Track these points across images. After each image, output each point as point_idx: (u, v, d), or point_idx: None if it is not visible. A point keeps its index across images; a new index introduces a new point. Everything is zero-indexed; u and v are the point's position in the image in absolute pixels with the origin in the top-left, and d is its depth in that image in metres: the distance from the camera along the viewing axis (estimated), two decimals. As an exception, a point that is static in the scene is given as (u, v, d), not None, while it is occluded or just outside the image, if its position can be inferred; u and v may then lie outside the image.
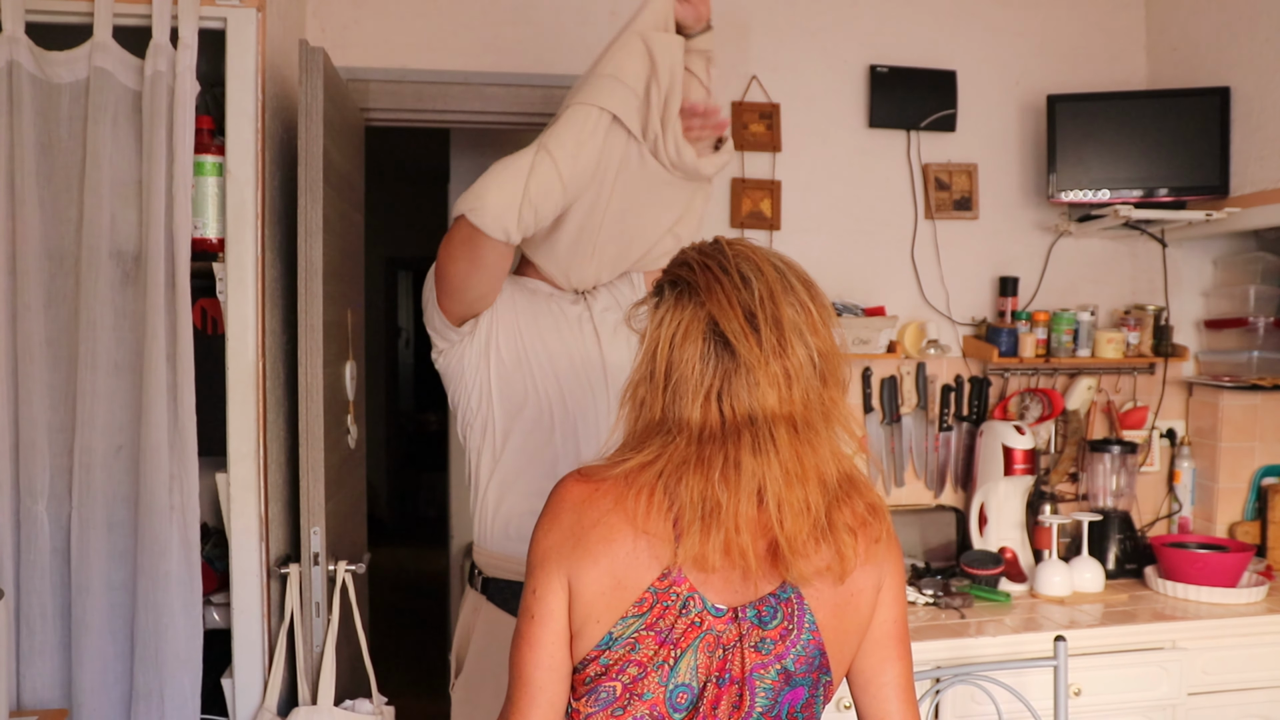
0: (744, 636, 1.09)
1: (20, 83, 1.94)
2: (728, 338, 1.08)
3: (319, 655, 2.07)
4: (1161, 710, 2.33)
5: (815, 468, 1.08)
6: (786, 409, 1.08)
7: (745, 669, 1.09)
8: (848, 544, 1.10)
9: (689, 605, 1.09)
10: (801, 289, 1.14)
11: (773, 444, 1.06)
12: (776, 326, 1.09)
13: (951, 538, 2.84)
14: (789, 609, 1.11)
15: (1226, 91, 2.68)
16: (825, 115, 2.88)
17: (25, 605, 1.97)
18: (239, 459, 2.05)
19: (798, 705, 1.12)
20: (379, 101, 2.68)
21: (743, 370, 1.07)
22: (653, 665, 1.08)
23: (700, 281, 1.12)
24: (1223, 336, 2.90)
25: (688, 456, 1.07)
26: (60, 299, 1.99)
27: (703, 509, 1.06)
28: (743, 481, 1.06)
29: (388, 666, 2.65)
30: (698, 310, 1.10)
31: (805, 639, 1.11)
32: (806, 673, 1.11)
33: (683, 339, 1.10)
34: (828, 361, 1.11)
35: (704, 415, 1.08)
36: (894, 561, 1.18)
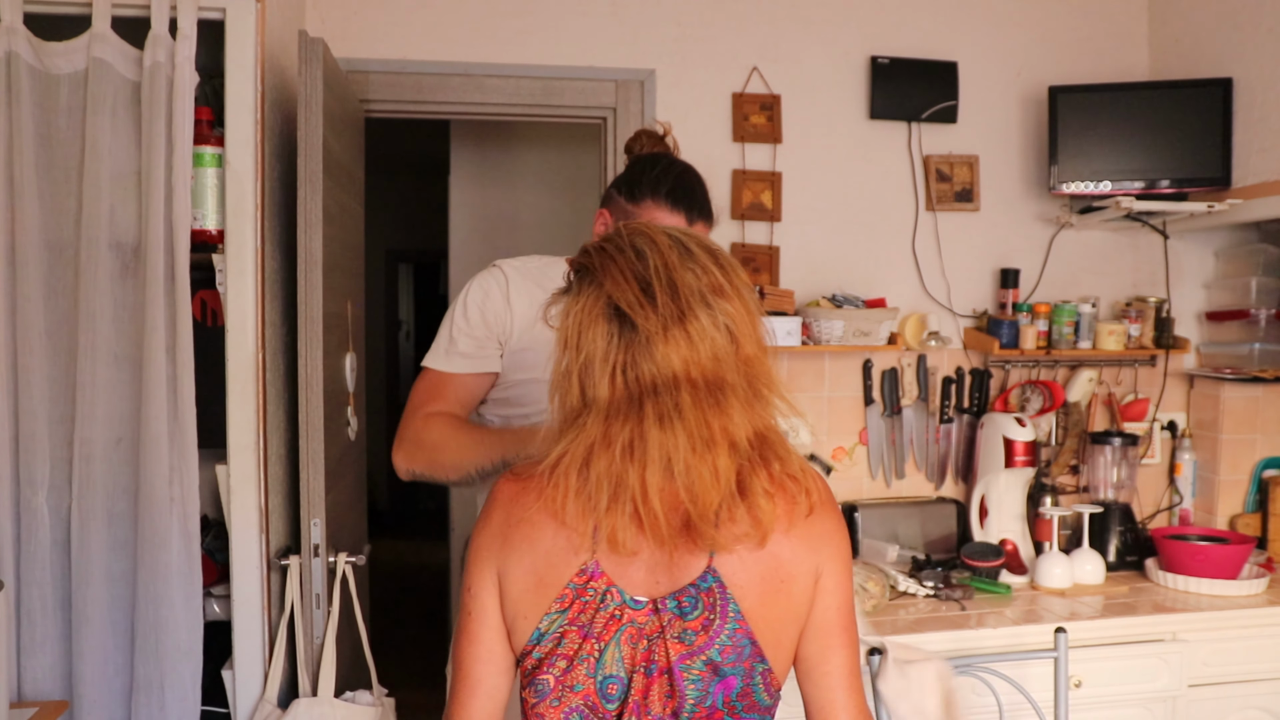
0: (666, 628, 1.09)
1: (19, 74, 1.93)
2: (624, 310, 1.08)
3: (319, 647, 2.07)
4: (1162, 702, 2.33)
5: (725, 430, 1.07)
6: (694, 372, 1.07)
7: (671, 660, 1.09)
8: (764, 509, 1.08)
9: (607, 599, 1.10)
10: (704, 255, 1.12)
11: (677, 411, 1.06)
12: (674, 293, 1.08)
13: (952, 530, 2.84)
14: (710, 599, 1.09)
15: (1229, 83, 2.67)
16: (826, 106, 2.87)
17: (25, 597, 1.97)
18: (239, 451, 2.05)
19: (732, 695, 1.10)
20: (379, 93, 2.67)
21: (642, 339, 1.07)
22: (579, 659, 1.10)
23: (597, 263, 1.12)
24: (1224, 328, 2.90)
25: (596, 436, 1.08)
26: (60, 290, 1.99)
27: (610, 485, 1.06)
28: (649, 452, 1.05)
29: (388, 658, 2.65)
30: (598, 291, 1.10)
31: (731, 629, 1.09)
32: (736, 663, 1.09)
33: (588, 322, 1.10)
34: (738, 321, 1.10)
35: (611, 391, 1.08)
36: (834, 547, 1.15)
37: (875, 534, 2.77)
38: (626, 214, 1.75)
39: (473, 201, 4.16)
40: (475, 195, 4.16)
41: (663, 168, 1.77)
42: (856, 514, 2.76)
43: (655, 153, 1.87)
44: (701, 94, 2.81)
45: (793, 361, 2.85)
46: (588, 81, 2.75)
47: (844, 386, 2.90)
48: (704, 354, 1.07)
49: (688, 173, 1.79)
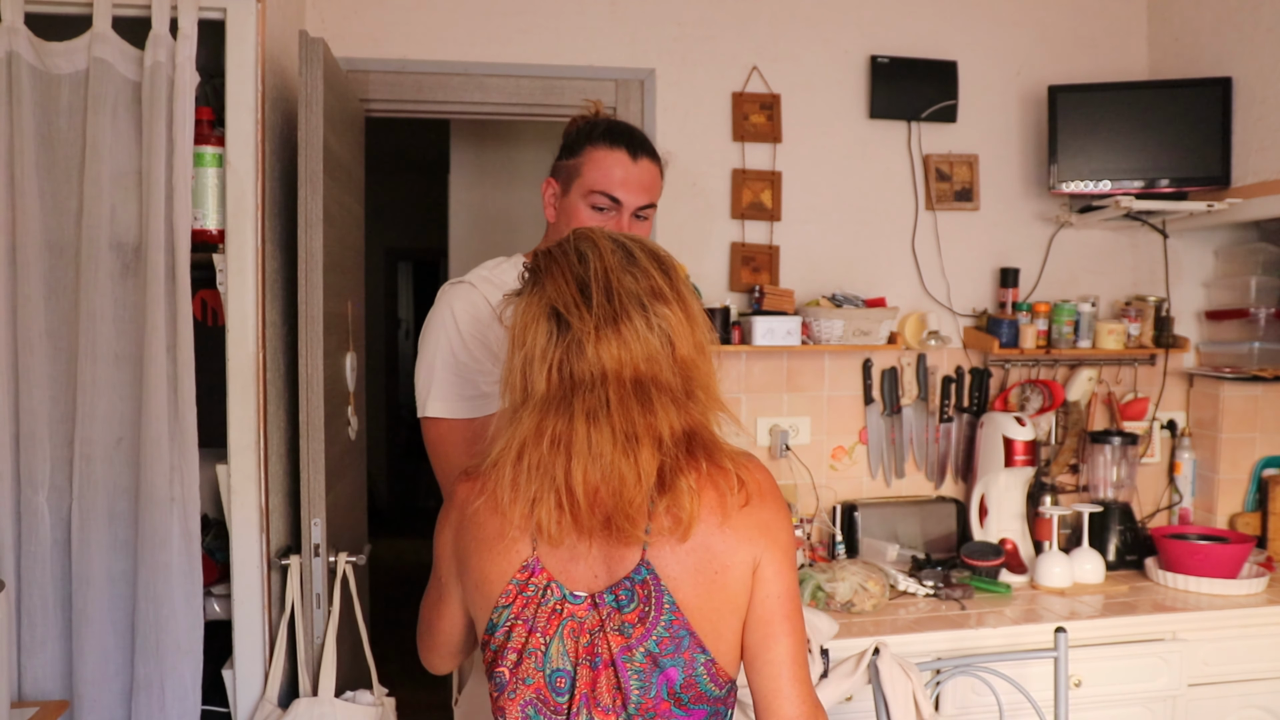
0: (605, 621, 1.12)
1: (20, 74, 1.93)
2: (561, 312, 1.13)
3: (320, 646, 2.08)
4: (1162, 701, 2.33)
5: (650, 427, 1.10)
6: (628, 371, 1.12)
7: (612, 652, 1.12)
8: (685, 506, 1.10)
9: (548, 594, 1.14)
10: (646, 260, 1.18)
11: (605, 408, 1.10)
12: (609, 294, 1.13)
13: (952, 529, 2.84)
14: (644, 591, 1.11)
15: (1228, 82, 2.68)
16: (826, 106, 2.87)
17: (26, 597, 1.97)
18: (239, 450, 2.05)
19: (676, 686, 1.12)
20: (379, 92, 2.67)
21: (575, 339, 1.12)
22: (526, 652, 1.14)
23: (543, 266, 1.18)
24: (1224, 327, 2.90)
25: (530, 429, 1.12)
26: (60, 290, 1.99)
27: (539, 475, 1.11)
28: (575, 445, 1.09)
29: (388, 658, 2.65)
30: (540, 292, 1.16)
31: (667, 620, 1.11)
32: (675, 654, 1.11)
33: (530, 321, 1.15)
34: (674, 324, 1.15)
35: (547, 386, 1.13)
36: (773, 536, 1.16)
37: (875, 533, 2.77)
38: (571, 173, 1.73)
39: (472, 200, 4.16)
40: (475, 194, 4.16)
41: (591, 121, 1.77)
42: (856, 513, 2.77)
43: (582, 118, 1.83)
44: (701, 93, 2.81)
45: (792, 361, 2.85)
46: (588, 81, 2.75)
47: (844, 386, 2.90)
48: (637, 354, 1.12)
49: (619, 120, 1.79)
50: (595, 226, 1.21)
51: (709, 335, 1.20)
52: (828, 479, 2.88)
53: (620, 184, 1.70)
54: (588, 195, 1.71)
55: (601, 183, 1.69)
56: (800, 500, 2.83)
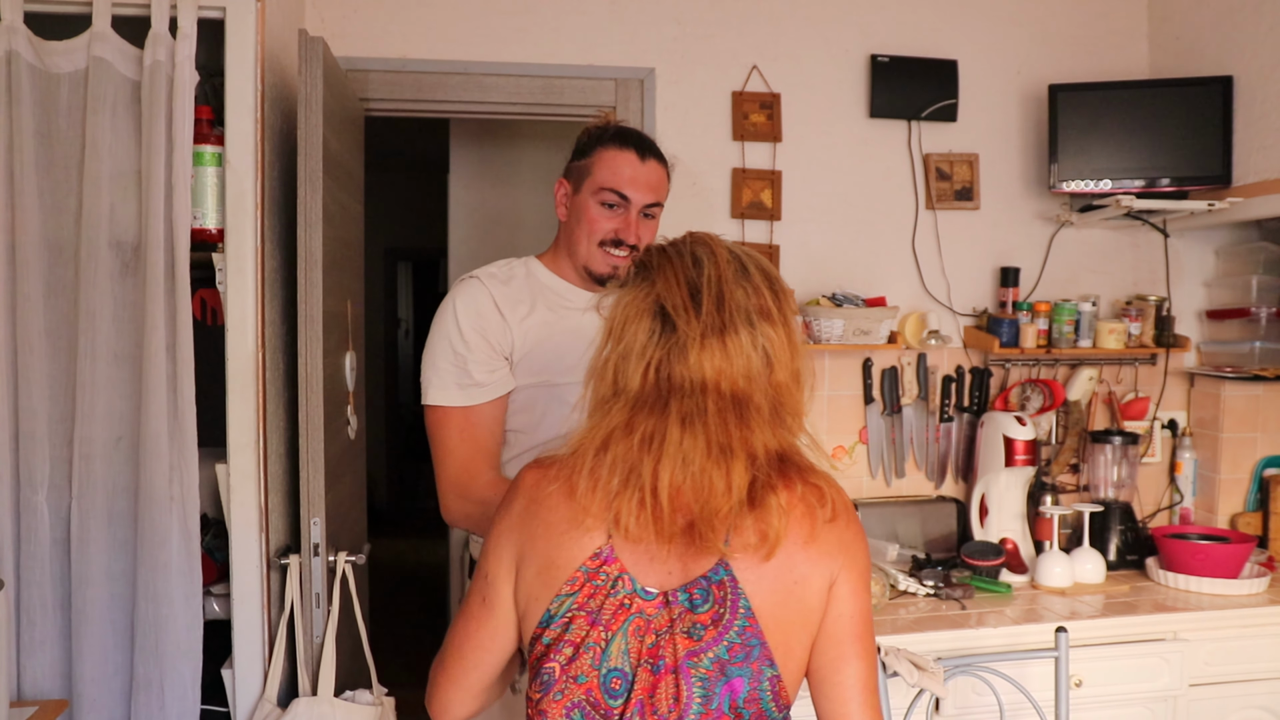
0: (675, 622, 1.09)
1: (19, 72, 1.93)
2: (669, 311, 1.11)
3: (319, 646, 2.07)
4: (1163, 701, 2.33)
5: (745, 442, 1.09)
6: (725, 384, 1.10)
7: (678, 657, 1.07)
8: (773, 523, 1.08)
9: (618, 585, 1.10)
10: (759, 277, 1.16)
11: (702, 416, 1.08)
12: (719, 305, 1.11)
13: (952, 529, 2.84)
14: (721, 592, 1.09)
15: (1229, 81, 2.67)
16: (826, 105, 2.87)
17: (25, 596, 1.97)
18: (239, 450, 2.05)
19: (739, 699, 1.08)
20: (378, 91, 2.67)
21: (680, 342, 1.10)
22: (585, 647, 1.09)
23: (655, 263, 1.17)
24: (1225, 327, 2.89)
25: (618, 423, 1.11)
26: (60, 289, 1.99)
27: (623, 470, 1.09)
28: (666, 448, 1.08)
29: (387, 657, 2.65)
30: (649, 289, 1.14)
31: (740, 625, 1.08)
32: (744, 663, 1.08)
33: (634, 316, 1.14)
34: (776, 347, 1.13)
35: (642, 384, 1.11)
36: (852, 555, 1.15)
37: (875, 533, 2.77)
38: (582, 173, 1.82)
39: (472, 200, 4.15)
40: (475, 194, 4.15)
41: (601, 124, 1.86)
42: (857, 512, 2.76)
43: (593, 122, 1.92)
44: (701, 92, 2.81)
45: (793, 360, 2.84)
46: (587, 80, 2.75)
47: (844, 385, 2.89)
48: (737, 369, 1.10)
49: (630, 126, 1.88)
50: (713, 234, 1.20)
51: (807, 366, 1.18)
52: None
53: (629, 181, 1.79)
54: (597, 192, 1.80)
55: (610, 180, 1.79)
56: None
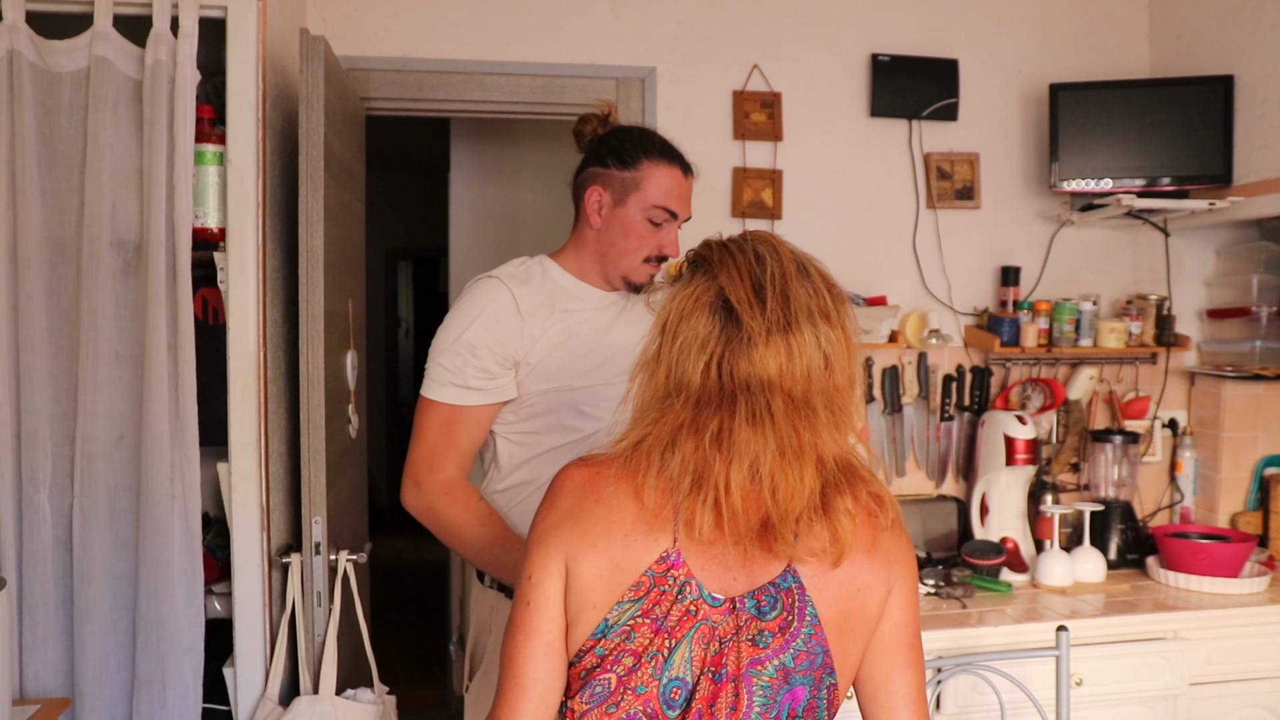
0: (741, 629, 1.06)
1: (21, 72, 1.93)
2: (733, 305, 1.09)
3: (320, 645, 2.08)
4: (1163, 700, 2.33)
5: (814, 446, 1.07)
6: (787, 383, 1.08)
7: (741, 665, 1.05)
8: (845, 527, 1.06)
9: (685, 591, 1.06)
10: (819, 280, 1.14)
11: (769, 415, 1.06)
12: (784, 302, 1.09)
13: (953, 528, 2.84)
14: (789, 599, 1.07)
15: (1230, 80, 2.67)
16: (827, 104, 2.87)
17: (28, 594, 1.97)
18: (240, 448, 2.05)
19: (799, 708, 1.07)
20: (380, 90, 2.67)
21: (744, 337, 1.08)
22: (647, 655, 1.04)
23: (716, 257, 1.14)
24: (1225, 326, 2.90)
25: (683, 420, 1.07)
26: (61, 288, 1.99)
27: (693, 470, 1.05)
28: (736, 447, 1.04)
29: (389, 656, 2.65)
30: (710, 283, 1.12)
31: (807, 633, 1.06)
32: (808, 671, 1.06)
33: (692, 308, 1.11)
34: (836, 350, 1.11)
35: (703, 380, 1.08)
36: (906, 563, 1.14)
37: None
38: (624, 183, 1.81)
39: (473, 199, 4.15)
40: (476, 193, 4.16)
41: (640, 131, 1.86)
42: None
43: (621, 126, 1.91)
44: (702, 91, 2.81)
45: (794, 359, 2.84)
46: (588, 79, 2.75)
47: (845, 384, 2.89)
48: (799, 369, 1.08)
49: (658, 134, 1.88)
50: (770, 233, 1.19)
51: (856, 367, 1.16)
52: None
53: (679, 199, 1.84)
54: (648, 210, 1.81)
55: (663, 199, 1.81)
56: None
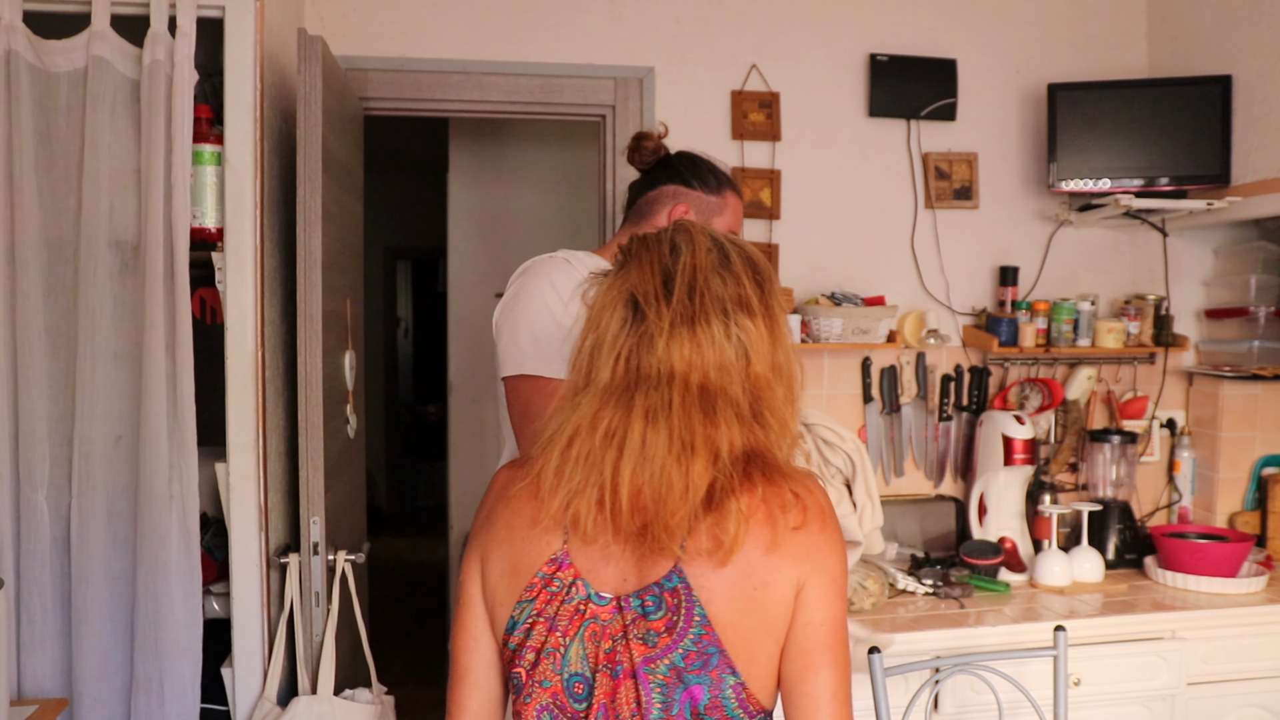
0: (629, 627, 1.06)
1: (18, 72, 1.93)
2: (639, 300, 1.09)
3: (319, 645, 2.08)
4: (1161, 700, 2.33)
5: (710, 440, 1.05)
6: (695, 377, 1.07)
7: (634, 663, 1.05)
8: (730, 530, 1.04)
9: (573, 591, 1.09)
10: (742, 267, 1.13)
11: (666, 410, 1.05)
12: (692, 294, 1.08)
13: (951, 528, 2.84)
14: (675, 600, 1.05)
15: (1228, 80, 2.67)
16: (825, 104, 2.87)
17: (25, 595, 1.97)
18: (238, 449, 2.05)
19: (700, 706, 1.05)
20: (378, 91, 2.67)
21: (648, 331, 1.07)
22: (545, 652, 1.08)
23: (634, 251, 1.14)
24: (1223, 326, 2.90)
25: (585, 418, 1.08)
26: (59, 288, 1.99)
27: (585, 467, 1.06)
28: (629, 444, 1.04)
29: (387, 656, 2.65)
30: (625, 278, 1.12)
31: (696, 633, 1.05)
32: (701, 671, 1.05)
33: (609, 305, 1.11)
34: (754, 339, 1.10)
35: (611, 375, 1.08)
36: (820, 561, 1.09)
37: (874, 532, 2.77)
38: (710, 206, 1.89)
39: (471, 199, 4.16)
40: (474, 193, 4.16)
41: (719, 164, 1.97)
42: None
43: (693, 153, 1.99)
44: (700, 91, 2.81)
45: (792, 359, 2.84)
46: (586, 79, 2.75)
47: (843, 384, 2.89)
48: (708, 360, 1.07)
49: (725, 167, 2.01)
50: (700, 222, 1.18)
51: (794, 360, 1.14)
52: (827, 477, 2.88)
53: (740, 228, 1.97)
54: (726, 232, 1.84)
55: (738, 225, 1.95)
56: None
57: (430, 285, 8.29)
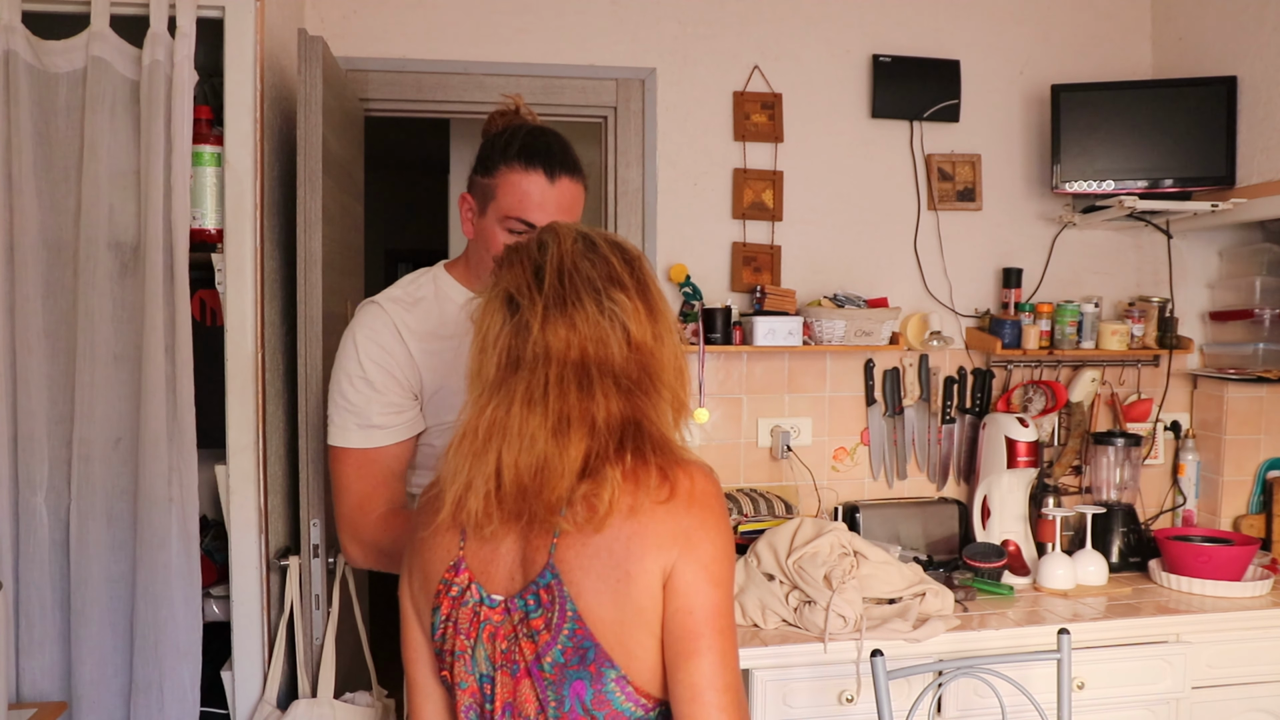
0: (518, 627, 1.10)
1: (17, 72, 1.93)
2: (514, 295, 1.12)
3: (319, 648, 2.07)
4: (1165, 704, 2.32)
5: (586, 412, 1.08)
6: (574, 354, 1.10)
7: (527, 660, 1.09)
8: (604, 496, 1.05)
9: (468, 595, 1.13)
10: (608, 250, 1.16)
11: (543, 388, 1.08)
12: (562, 278, 1.11)
13: (954, 530, 2.83)
14: (549, 597, 1.07)
15: (1233, 81, 2.66)
16: (828, 105, 2.86)
17: (24, 598, 1.96)
18: (238, 451, 2.04)
19: (586, 700, 1.07)
20: (378, 92, 2.66)
21: (524, 320, 1.10)
22: (456, 655, 1.13)
23: (505, 257, 1.18)
24: (1228, 328, 2.88)
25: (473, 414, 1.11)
26: (58, 290, 1.98)
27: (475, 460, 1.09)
28: (509, 427, 1.07)
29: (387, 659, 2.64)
30: (499, 282, 1.15)
31: (570, 628, 1.06)
32: (580, 666, 1.06)
33: (488, 310, 1.14)
34: (629, 313, 1.12)
35: (495, 369, 1.12)
36: (690, 545, 1.07)
37: (877, 534, 2.76)
38: (486, 193, 1.61)
39: (473, 200, 4.15)
40: (476, 194, 4.15)
41: (509, 132, 1.63)
42: (858, 514, 2.75)
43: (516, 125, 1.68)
44: (702, 92, 2.80)
45: (794, 361, 2.84)
46: (588, 80, 2.74)
47: (846, 386, 2.88)
48: (586, 337, 1.10)
49: (539, 130, 1.64)
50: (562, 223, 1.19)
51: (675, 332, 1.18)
52: (829, 480, 2.87)
53: (537, 208, 1.59)
54: (503, 220, 1.60)
55: (516, 208, 1.58)
56: (802, 501, 2.82)
57: (432, 286, 8.28)
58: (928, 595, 2.28)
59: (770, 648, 2.13)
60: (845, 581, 2.20)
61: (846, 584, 2.19)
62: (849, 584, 2.20)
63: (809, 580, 2.20)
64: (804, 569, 2.21)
